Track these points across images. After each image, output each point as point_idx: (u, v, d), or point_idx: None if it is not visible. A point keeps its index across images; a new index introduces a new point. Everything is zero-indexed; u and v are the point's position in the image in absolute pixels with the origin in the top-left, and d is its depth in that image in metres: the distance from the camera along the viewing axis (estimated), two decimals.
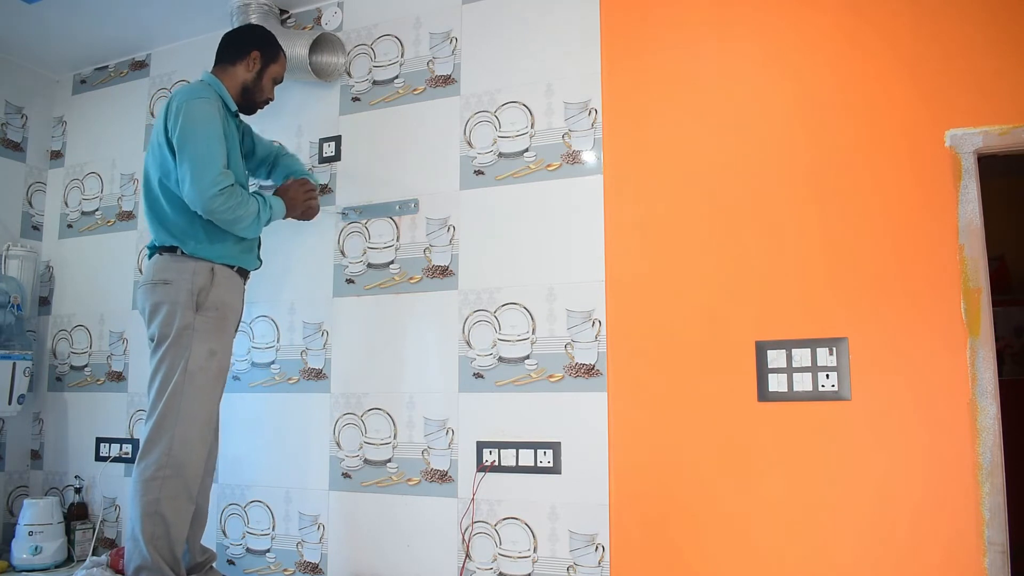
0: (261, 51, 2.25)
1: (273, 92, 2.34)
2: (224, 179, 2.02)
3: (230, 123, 2.19)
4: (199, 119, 2.04)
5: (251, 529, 2.60)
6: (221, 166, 2.03)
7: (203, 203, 2.00)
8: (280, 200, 2.27)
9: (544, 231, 2.27)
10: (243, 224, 2.10)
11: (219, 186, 2.00)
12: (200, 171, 2.00)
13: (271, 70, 2.28)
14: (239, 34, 2.31)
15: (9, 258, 3.03)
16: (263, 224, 2.19)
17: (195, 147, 2.01)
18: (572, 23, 2.31)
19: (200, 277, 2.08)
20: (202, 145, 2.02)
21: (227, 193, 2.02)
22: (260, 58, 2.24)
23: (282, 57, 2.33)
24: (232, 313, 2.18)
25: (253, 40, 2.26)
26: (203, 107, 2.06)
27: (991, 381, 1.75)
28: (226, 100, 2.19)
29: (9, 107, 3.16)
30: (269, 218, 2.20)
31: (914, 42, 1.93)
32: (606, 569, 2.07)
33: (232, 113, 2.23)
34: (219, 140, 2.05)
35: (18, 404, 2.85)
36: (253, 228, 2.14)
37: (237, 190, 2.05)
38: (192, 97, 2.07)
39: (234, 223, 2.08)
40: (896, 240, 1.88)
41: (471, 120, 2.43)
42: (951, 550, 1.74)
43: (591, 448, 2.12)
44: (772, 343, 1.97)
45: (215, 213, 2.02)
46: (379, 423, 2.43)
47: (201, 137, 2.02)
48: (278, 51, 2.31)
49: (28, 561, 2.64)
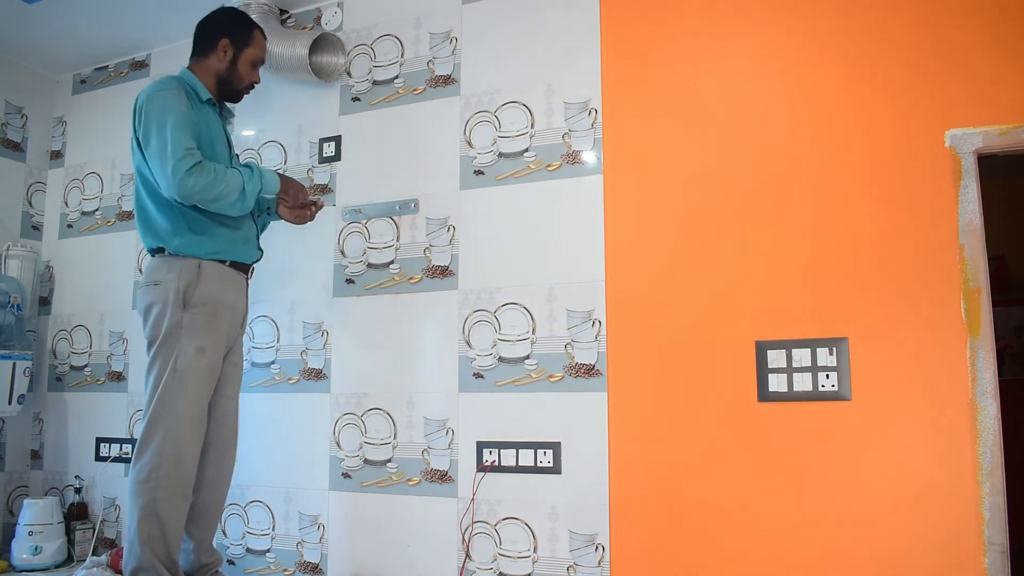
0: (231, 38, 2.16)
1: (256, 75, 2.23)
2: (190, 158, 1.95)
3: (204, 111, 2.13)
4: (159, 109, 2.00)
5: (251, 529, 2.60)
6: (184, 148, 1.96)
7: (176, 187, 1.94)
8: (274, 173, 2.19)
9: (544, 231, 2.27)
10: (229, 200, 2.02)
11: (186, 166, 1.94)
12: (165, 157, 1.95)
13: (246, 54, 2.18)
14: (207, 23, 2.21)
15: (9, 258, 3.03)
16: (252, 196, 2.08)
17: (158, 136, 1.98)
18: (572, 23, 2.31)
19: (186, 274, 2.04)
20: (165, 132, 1.97)
21: (197, 170, 1.95)
22: (230, 46, 2.16)
23: (258, 38, 2.21)
24: (224, 309, 2.11)
25: (220, 28, 2.18)
26: (162, 98, 2.02)
27: (991, 381, 1.75)
28: (197, 90, 2.12)
29: (9, 107, 3.16)
30: (259, 189, 2.11)
31: (914, 42, 1.93)
32: (606, 569, 2.07)
33: (206, 102, 2.15)
34: (181, 125, 1.98)
35: (18, 404, 2.85)
36: (241, 203, 2.06)
37: (208, 165, 1.98)
38: (152, 92, 2.04)
39: (217, 201, 2.00)
40: (896, 240, 1.88)
41: (471, 120, 2.43)
42: (951, 550, 1.74)
43: (591, 448, 2.12)
44: (772, 343, 1.97)
45: (192, 195, 1.96)
46: (379, 423, 2.43)
47: (163, 125, 1.98)
48: (250, 33, 2.19)
49: (28, 561, 2.64)
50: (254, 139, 2.81)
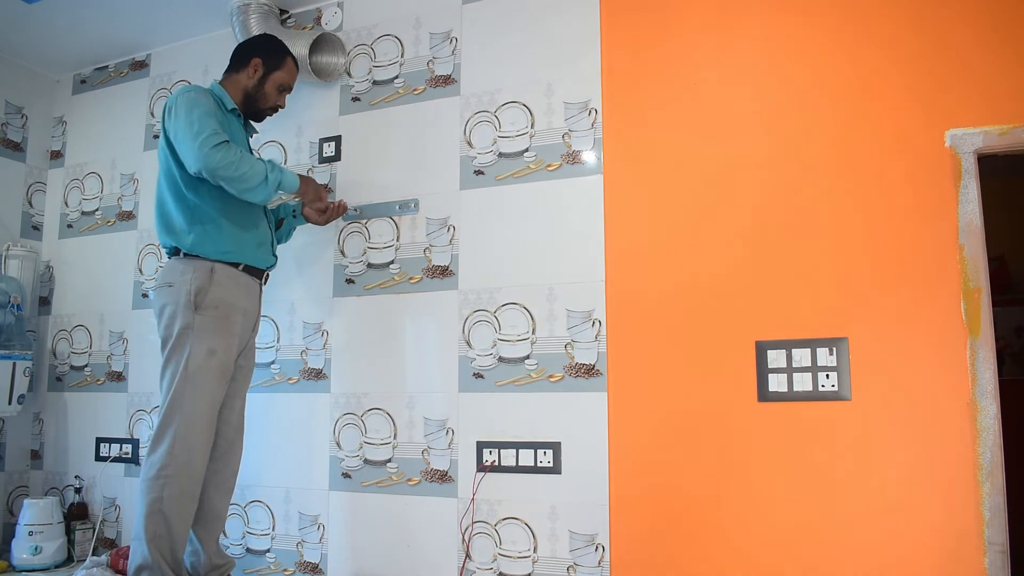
0: (263, 59, 2.26)
1: (280, 100, 2.33)
2: (217, 135, 2.03)
3: (229, 119, 2.21)
4: (188, 103, 2.08)
5: (251, 529, 2.60)
6: (212, 129, 2.03)
7: (203, 159, 2.00)
8: (295, 174, 2.25)
9: (544, 231, 2.27)
10: (252, 183, 2.07)
11: (214, 141, 2.01)
12: (194, 134, 2.02)
13: (274, 77, 2.28)
14: (245, 44, 2.34)
15: (9, 258, 3.04)
16: (273, 187, 2.13)
17: (187, 119, 2.05)
18: (572, 23, 2.31)
19: (199, 277, 2.08)
20: (193, 116, 2.05)
21: (224, 147, 2.02)
22: (262, 65, 2.26)
23: (289, 65, 2.31)
24: (236, 312, 2.15)
25: (255, 48, 2.29)
26: (192, 95, 2.11)
27: (991, 381, 1.75)
28: (223, 100, 2.22)
29: (9, 107, 3.16)
30: (279, 183, 2.16)
31: (914, 42, 1.93)
32: (606, 569, 2.07)
33: (230, 111, 2.24)
34: (211, 115, 2.07)
35: (18, 404, 2.85)
36: (262, 189, 2.10)
37: (235, 147, 2.05)
38: (181, 91, 2.14)
39: (240, 180, 2.04)
40: (896, 240, 1.88)
41: (471, 120, 2.43)
42: (951, 550, 1.74)
43: (591, 448, 2.12)
44: (772, 343, 1.97)
45: (218, 170, 2.01)
46: (379, 423, 2.43)
47: (191, 112, 2.06)
48: (283, 59, 2.30)
49: (28, 561, 2.64)
50: (254, 139, 2.80)
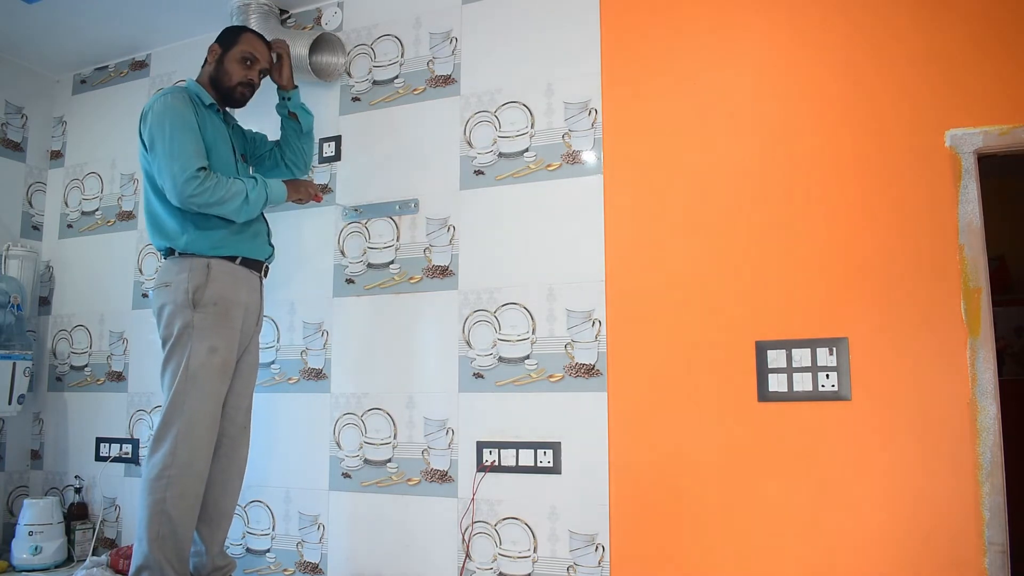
0: (219, 42, 2.26)
1: (251, 73, 2.25)
2: (195, 162, 2.02)
3: (208, 116, 2.19)
4: (163, 114, 2.07)
5: (251, 529, 2.60)
6: (192, 152, 2.03)
7: (178, 192, 2.00)
8: (282, 183, 2.24)
9: (544, 231, 2.27)
10: (232, 205, 2.06)
11: (188, 171, 2.00)
12: (170, 162, 2.02)
13: (232, 53, 2.23)
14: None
15: (9, 258, 3.04)
16: (257, 204, 2.12)
17: (162, 142, 2.04)
18: (572, 23, 2.31)
19: (196, 274, 2.07)
20: (168, 138, 2.04)
21: (200, 176, 2.01)
22: (219, 47, 2.25)
23: (247, 37, 2.26)
24: (237, 308, 2.13)
25: (215, 39, 2.28)
26: (167, 102, 2.09)
27: (991, 381, 1.75)
28: (200, 96, 2.20)
29: (9, 107, 3.16)
30: (265, 198, 2.15)
31: (914, 42, 1.93)
32: (606, 569, 2.07)
33: (209, 107, 2.22)
34: (186, 130, 2.06)
35: (18, 404, 2.85)
36: (245, 209, 2.09)
37: (212, 173, 2.05)
38: (156, 98, 2.13)
39: (219, 205, 2.04)
40: (896, 240, 1.88)
41: (471, 120, 2.43)
42: (951, 550, 1.74)
43: (591, 448, 2.12)
44: (772, 343, 1.97)
45: (193, 199, 2.00)
46: (379, 423, 2.43)
47: (167, 131, 2.05)
48: (237, 36, 2.26)
49: (28, 561, 2.64)
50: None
